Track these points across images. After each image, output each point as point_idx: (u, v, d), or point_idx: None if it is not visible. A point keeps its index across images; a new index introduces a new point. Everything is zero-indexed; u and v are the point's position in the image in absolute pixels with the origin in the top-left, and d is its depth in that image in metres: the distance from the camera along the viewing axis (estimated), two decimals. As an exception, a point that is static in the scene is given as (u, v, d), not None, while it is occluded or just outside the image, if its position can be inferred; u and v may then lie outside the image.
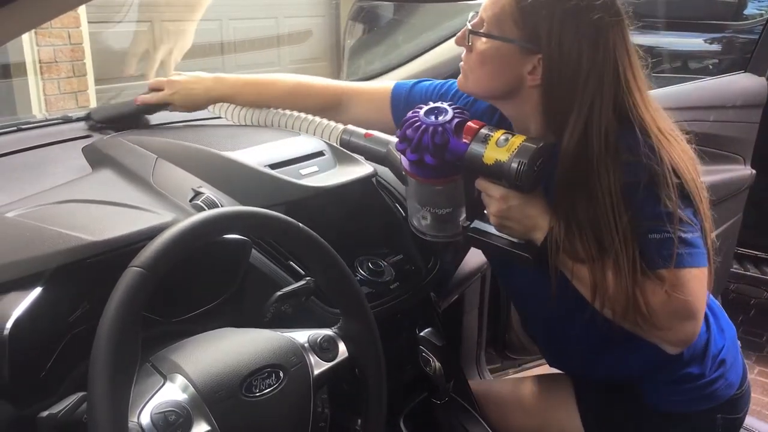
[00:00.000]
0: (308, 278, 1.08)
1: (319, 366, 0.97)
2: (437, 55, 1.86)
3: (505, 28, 1.12)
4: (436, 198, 1.13)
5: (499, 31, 1.12)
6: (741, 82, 2.64)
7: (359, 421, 1.04)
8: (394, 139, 1.18)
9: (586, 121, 1.08)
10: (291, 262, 1.14)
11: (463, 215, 1.14)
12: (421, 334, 1.18)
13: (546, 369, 1.53)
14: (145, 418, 0.81)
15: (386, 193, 1.40)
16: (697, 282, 1.07)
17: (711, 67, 3.42)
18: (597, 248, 1.06)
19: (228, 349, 0.91)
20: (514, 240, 1.10)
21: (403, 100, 1.38)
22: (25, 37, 3.87)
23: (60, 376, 0.94)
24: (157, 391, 0.84)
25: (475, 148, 1.04)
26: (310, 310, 1.11)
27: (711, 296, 1.30)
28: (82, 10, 4.20)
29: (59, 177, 1.19)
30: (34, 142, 1.39)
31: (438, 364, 1.16)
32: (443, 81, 1.39)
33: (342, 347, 1.01)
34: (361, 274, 1.25)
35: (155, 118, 1.56)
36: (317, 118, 1.35)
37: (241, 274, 1.09)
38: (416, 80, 1.42)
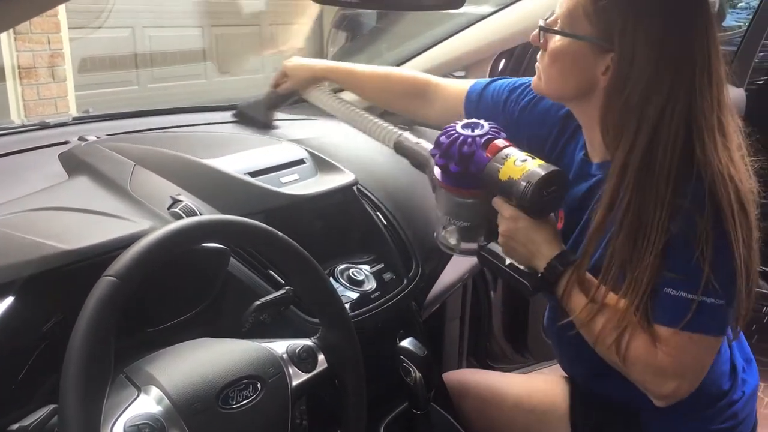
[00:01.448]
0: (287, 287, 1.06)
1: (297, 377, 0.96)
2: (420, 63, 1.86)
3: (577, 24, 1.06)
4: (457, 209, 1.14)
5: (572, 27, 1.07)
6: (720, 93, 2.66)
7: (338, 432, 1.03)
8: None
9: (652, 135, 1.00)
10: (270, 271, 1.12)
11: (483, 235, 1.14)
12: (402, 343, 1.17)
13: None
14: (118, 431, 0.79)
15: (367, 201, 1.40)
16: (696, 347, 1.01)
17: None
18: (615, 284, 1.01)
19: (205, 359, 0.90)
20: (520, 267, 1.09)
21: (474, 100, 1.36)
22: (5, 43, 3.83)
23: (32, 388, 0.92)
24: (131, 404, 0.82)
25: (495, 163, 1.04)
26: (289, 320, 1.10)
27: (744, 342, 1.28)
28: (62, 15, 4.17)
29: (35, 184, 1.17)
30: (10, 148, 1.37)
31: (419, 375, 1.14)
32: (516, 79, 1.35)
33: (321, 358, 1.00)
34: (342, 283, 1.24)
35: (133, 125, 1.55)
36: (381, 121, 1.36)
37: (219, 283, 1.08)
38: (491, 79, 1.39)
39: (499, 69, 1.92)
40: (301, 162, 1.30)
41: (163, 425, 0.81)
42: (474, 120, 1.10)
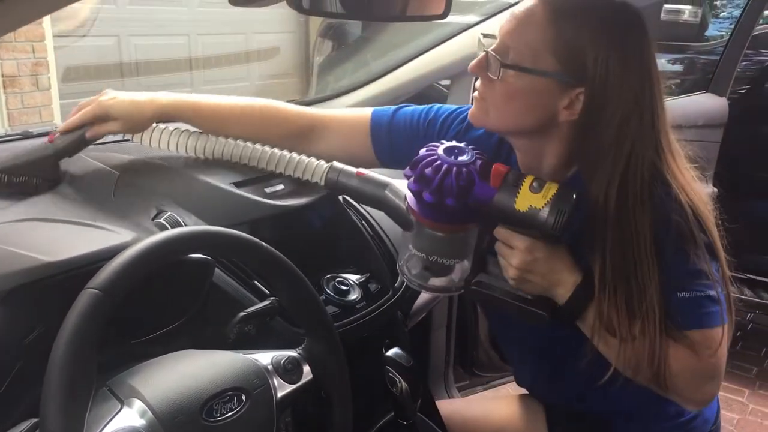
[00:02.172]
0: (272, 298, 1.06)
1: (282, 388, 0.95)
2: (406, 72, 1.87)
3: (540, 60, 1.00)
4: (445, 246, 1.02)
5: (534, 63, 1.00)
6: (703, 102, 2.70)
7: (324, 443, 1.03)
8: (391, 180, 1.09)
9: (627, 163, 0.99)
10: (255, 282, 1.12)
11: (468, 267, 1.05)
12: (388, 353, 1.17)
13: (515, 387, 1.53)
14: (101, 445, 0.78)
15: (353, 211, 1.40)
16: (723, 340, 1.01)
17: (673, 87, 3.49)
18: (626, 309, 0.99)
19: (188, 372, 0.89)
20: (527, 296, 1.02)
21: (384, 128, 1.26)
22: (-13, 51, 3.81)
23: (13, 401, 0.91)
24: (113, 417, 0.81)
25: (505, 193, 0.94)
26: (274, 331, 1.10)
27: None
28: (47, 23, 4.15)
29: (17, 194, 1.16)
30: (-8, 157, 1.36)
31: (405, 385, 1.14)
32: (426, 107, 1.28)
33: (306, 369, 1.00)
34: (327, 294, 1.23)
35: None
36: (296, 154, 1.18)
37: (203, 294, 1.07)
38: (395, 107, 1.29)
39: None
40: (286, 174, 1.30)
41: (146, 438, 0.80)
42: (451, 144, 0.99)
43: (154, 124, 1.21)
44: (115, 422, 0.81)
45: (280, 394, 0.94)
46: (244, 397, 0.90)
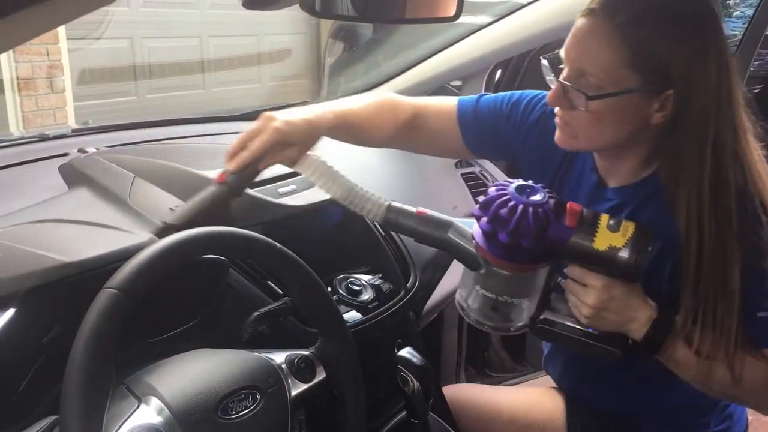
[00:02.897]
0: (286, 298, 1.07)
1: (296, 387, 0.97)
2: (417, 74, 1.87)
3: (620, 79, 0.97)
4: (515, 286, 0.99)
5: (615, 85, 0.97)
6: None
7: (337, 442, 1.04)
8: (454, 219, 1.05)
9: (713, 154, 0.97)
10: (269, 282, 1.13)
11: (534, 306, 1.02)
12: (400, 353, 1.17)
13: (527, 385, 1.52)
14: (119, 442, 0.80)
15: (365, 212, 1.40)
16: None
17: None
18: (711, 330, 0.97)
19: (204, 370, 0.91)
20: (594, 332, 1.00)
21: (470, 115, 1.24)
22: (3, 54, 3.84)
23: (33, 399, 0.92)
24: (131, 414, 0.83)
25: (583, 232, 0.93)
26: (287, 330, 1.11)
27: None
28: (61, 26, 4.18)
29: (35, 196, 1.18)
30: (9, 160, 1.38)
31: (417, 384, 1.15)
32: (508, 93, 1.25)
33: (320, 368, 1.01)
34: (340, 294, 1.25)
35: (132, 136, 1.55)
36: (365, 191, 1.07)
37: (218, 295, 1.08)
38: (478, 95, 1.28)
39: (495, 79, 1.94)
40: (298, 173, 1.31)
41: (163, 436, 0.82)
42: (520, 182, 0.97)
43: (316, 159, 1.09)
44: (133, 419, 0.82)
45: (293, 393, 0.96)
46: (258, 396, 0.91)
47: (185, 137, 1.68)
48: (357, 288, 1.27)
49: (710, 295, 0.97)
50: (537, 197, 0.94)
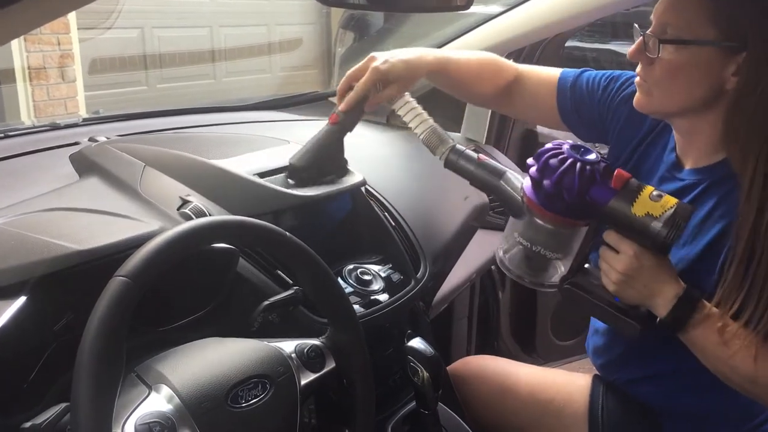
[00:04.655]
0: (296, 288, 1.07)
1: (306, 376, 0.97)
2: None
3: (698, 30, 0.99)
4: (551, 239, 1.04)
5: (692, 34, 0.99)
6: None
7: (347, 431, 1.03)
8: (508, 170, 1.12)
9: None
10: (279, 272, 1.13)
11: (563, 267, 1.06)
12: (410, 343, 1.17)
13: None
14: (130, 430, 0.80)
15: (375, 201, 1.40)
16: None
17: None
18: (747, 322, 0.96)
19: (214, 359, 0.91)
20: (620, 305, 1.02)
21: (569, 88, 1.28)
22: (14, 43, 3.86)
23: (44, 386, 0.93)
24: (141, 402, 0.83)
25: (624, 196, 0.96)
26: (297, 320, 1.11)
27: None
28: (72, 16, 4.19)
29: (46, 185, 1.18)
30: (21, 149, 1.38)
31: (426, 374, 1.15)
32: (609, 71, 1.28)
33: (329, 358, 1.01)
34: (350, 284, 1.24)
35: (143, 125, 1.55)
36: (437, 127, 1.17)
37: (228, 283, 1.08)
38: (582, 69, 1.31)
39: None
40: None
41: (174, 423, 0.82)
42: (577, 143, 1.02)
43: (409, 100, 1.20)
44: (144, 407, 0.83)
45: (303, 382, 0.96)
46: (268, 385, 0.91)
47: (195, 126, 1.68)
48: (367, 278, 1.27)
49: (760, 278, 0.96)
50: (590, 157, 0.98)
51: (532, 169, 1.01)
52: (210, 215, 1.10)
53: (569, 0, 1.66)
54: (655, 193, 0.96)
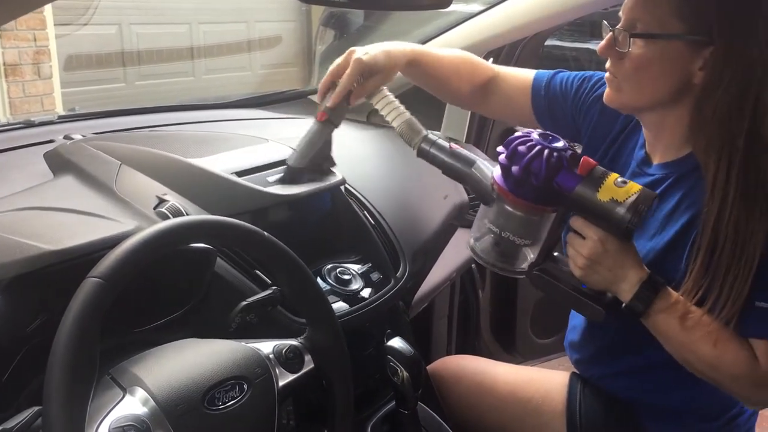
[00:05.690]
0: (274, 287, 1.06)
1: (284, 377, 0.96)
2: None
3: (667, 24, 1.01)
4: (519, 226, 1.06)
5: (661, 28, 1.02)
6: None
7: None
8: (478, 158, 1.13)
9: (750, 137, 0.98)
10: (257, 271, 1.12)
11: (532, 254, 1.08)
12: (389, 343, 1.17)
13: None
14: (103, 433, 0.79)
15: (354, 200, 1.40)
16: None
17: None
18: (711, 308, 0.99)
19: (190, 360, 0.90)
20: (587, 291, 1.05)
21: (543, 89, 1.31)
22: (-11, 39, 3.80)
23: (16, 389, 0.91)
24: (116, 405, 0.82)
25: (590, 182, 0.98)
26: (275, 320, 1.10)
27: None
28: (48, 12, 4.14)
29: (19, 183, 1.16)
30: (-6, 146, 1.36)
31: (406, 374, 1.14)
32: (581, 72, 1.31)
33: (308, 358, 1.00)
34: (329, 283, 1.24)
35: (119, 123, 1.54)
36: (413, 119, 1.19)
37: (205, 283, 1.07)
38: (556, 70, 1.34)
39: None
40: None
41: (149, 427, 0.81)
42: (548, 132, 1.05)
43: (386, 93, 1.22)
44: (118, 410, 0.81)
45: (281, 383, 0.95)
46: (245, 386, 0.90)
47: (173, 124, 1.66)
48: (346, 277, 1.26)
49: (723, 267, 0.98)
50: (557, 144, 1.01)
51: (502, 156, 1.03)
52: (187, 214, 1.08)
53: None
54: (619, 179, 0.98)
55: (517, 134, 1.04)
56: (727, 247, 0.98)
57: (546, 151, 1.00)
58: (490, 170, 1.09)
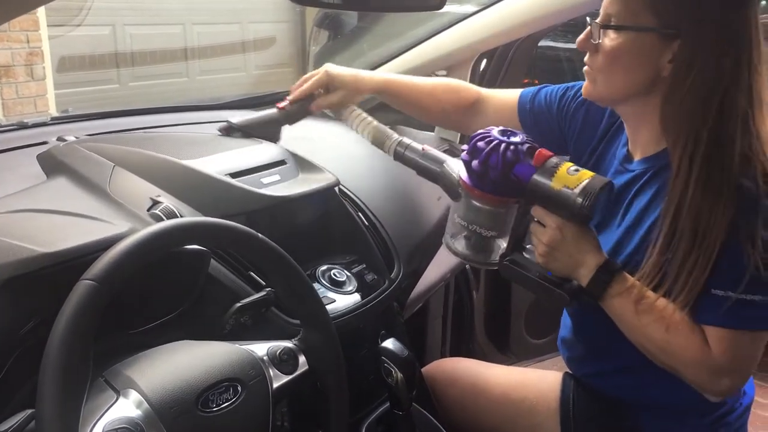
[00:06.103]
0: (268, 289, 1.06)
1: (278, 379, 0.96)
2: (403, 63, 1.86)
3: (639, 17, 1.05)
4: (485, 218, 1.12)
5: (633, 21, 1.05)
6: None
7: (320, 433, 1.03)
8: (448, 158, 1.20)
9: (715, 128, 1.01)
10: (251, 273, 1.12)
11: (504, 245, 1.13)
12: (384, 344, 1.17)
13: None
14: (97, 436, 0.78)
15: (349, 202, 1.40)
16: (749, 343, 1.02)
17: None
18: (663, 294, 1.02)
19: (184, 362, 0.90)
20: (554, 279, 1.08)
21: (528, 103, 1.36)
22: (-18, 40, 3.79)
23: (9, 392, 0.91)
24: (109, 408, 0.82)
25: (543, 173, 1.03)
26: (270, 322, 1.10)
27: None
28: (41, 13, 4.13)
29: (12, 185, 1.15)
30: (-13, 148, 1.35)
31: (400, 375, 1.14)
32: (564, 84, 1.35)
33: (302, 359, 1.00)
34: (323, 284, 1.24)
35: (113, 125, 1.53)
36: (380, 126, 1.32)
37: (199, 285, 1.07)
38: (541, 86, 1.39)
39: (481, 69, 1.93)
40: (282, 163, 1.30)
41: (142, 429, 0.81)
42: (508, 128, 1.09)
43: (354, 108, 1.37)
44: (111, 413, 0.81)
45: (275, 385, 0.95)
46: (239, 388, 0.90)
47: (167, 126, 1.66)
48: (340, 278, 1.26)
49: (680, 254, 1.01)
50: (514, 138, 1.07)
51: (464, 153, 1.09)
52: (181, 216, 1.08)
53: (542, 0, 1.66)
54: (572, 168, 1.03)
55: (478, 132, 1.09)
56: (686, 234, 1.01)
57: (503, 145, 1.05)
58: (458, 167, 1.14)
